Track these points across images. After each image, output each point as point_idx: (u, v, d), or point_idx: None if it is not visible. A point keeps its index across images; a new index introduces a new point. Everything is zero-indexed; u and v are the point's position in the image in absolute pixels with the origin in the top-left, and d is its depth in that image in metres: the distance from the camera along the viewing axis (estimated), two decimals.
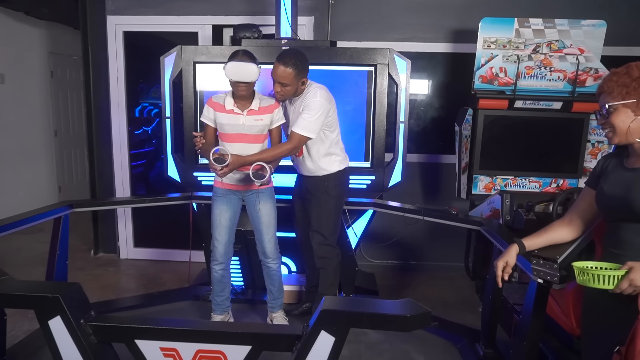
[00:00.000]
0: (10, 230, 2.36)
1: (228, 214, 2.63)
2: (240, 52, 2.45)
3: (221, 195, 2.64)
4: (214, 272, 2.67)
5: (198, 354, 1.43)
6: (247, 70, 2.39)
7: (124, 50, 4.06)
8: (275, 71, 2.50)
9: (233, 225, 2.68)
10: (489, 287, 2.44)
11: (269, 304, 2.81)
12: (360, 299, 2.13)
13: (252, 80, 2.44)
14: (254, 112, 2.52)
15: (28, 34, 5.46)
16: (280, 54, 2.54)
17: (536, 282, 1.85)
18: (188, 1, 3.94)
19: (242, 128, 2.52)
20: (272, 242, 2.69)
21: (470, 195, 3.42)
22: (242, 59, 2.40)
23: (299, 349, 1.37)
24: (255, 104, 2.53)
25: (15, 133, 5.26)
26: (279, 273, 2.77)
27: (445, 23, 3.81)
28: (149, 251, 4.35)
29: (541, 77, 3.19)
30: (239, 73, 2.39)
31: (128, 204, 3.78)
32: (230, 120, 2.51)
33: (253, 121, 2.52)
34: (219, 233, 2.63)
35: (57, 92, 5.95)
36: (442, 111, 4.02)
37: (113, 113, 4.14)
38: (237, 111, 2.51)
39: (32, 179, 5.57)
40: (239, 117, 2.51)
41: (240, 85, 2.42)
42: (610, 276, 1.30)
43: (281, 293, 2.81)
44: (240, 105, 2.51)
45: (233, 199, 2.66)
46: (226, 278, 2.70)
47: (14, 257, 4.35)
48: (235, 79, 2.40)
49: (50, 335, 1.44)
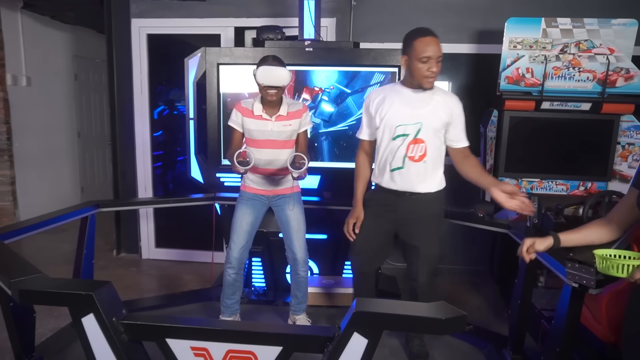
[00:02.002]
0: (40, 229, 2.40)
1: (250, 218, 2.62)
2: (271, 57, 2.44)
3: (247, 199, 2.64)
4: (227, 275, 2.65)
5: (229, 354, 1.42)
6: (278, 74, 2.38)
7: (147, 53, 4.11)
8: (437, 47, 2.18)
9: (252, 231, 2.66)
10: (517, 291, 2.39)
11: (292, 307, 2.79)
12: (393, 301, 2.10)
13: (283, 84, 2.42)
14: (282, 118, 2.51)
15: (53, 38, 5.57)
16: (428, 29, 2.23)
17: (571, 286, 1.80)
18: (210, 4, 3.96)
19: (270, 134, 2.50)
20: (303, 248, 2.67)
21: None
22: (273, 63, 2.39)
23: (331, 351, 1.35)
24: (284, 109, 2.51)
25: (40, 134, 5.36)
26: (306, 279, 2.76)
27: (469, 24, 3.76)
28: (170, 252, 4.38)
29: (569, 78, 3.12)
30: (270, 77, 2.37)
31: (152, 204, 3.82)
32: (259, 126, 2.50)
33: (281, 127, 2.51)
34: (237, 236, 2.61)
35: (81, 94, 6.05)
36: (467, 113, 3.93)
37: (136, 115, 4.19)
38: (265, 117, 2.49)
39: (55, 179, 5.66)
40: (268, 123, 2.50)
41: (271, 89, 2.40)
42: (630, 265, 1.29)
43: (306, 297, 2.80)
44: (269, 111, 2.50)
45: (258, 204, 2.64)
46: (238, 282, 2.68)
47: (38, 256, 4.41)
48: (266, 83, 2.38)
49: (83, 333, 1.45)
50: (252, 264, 3.32)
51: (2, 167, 4.93)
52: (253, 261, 3.31)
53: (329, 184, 3.25)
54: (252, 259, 3.30)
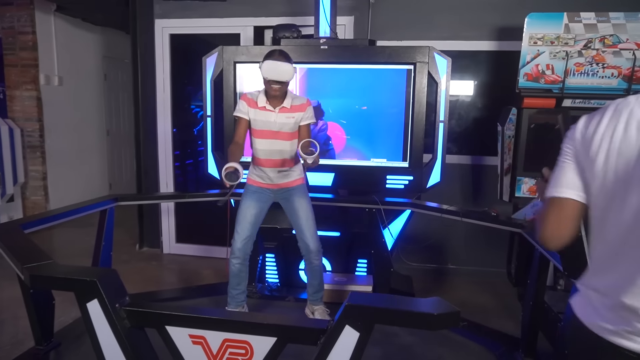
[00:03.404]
0: (62, 219, 2.51)
1: (255, 210, 2.66)
2: (277, 51, 2.48)
3: (252, 192, 2.68)
4: (232, 265, 2.69)
5: (225, 342, 1.45)
6: (282, 69, 2.42)
7: (170, 53, 4.21)
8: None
9: (257, 222, 2.69)
10: (529, 292, 2.33)
11: (310, 298, 2.81)
12: (388, 296, 2.09)
13: (287, 79, 2.47)
14: (285, 110, 2.56)
15: (84, 39, 5.79)
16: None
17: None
18: (230, 4, 4.03)
19: (273, 125, 2.56)
20: (314, 237, 2.69)
21: (514, 198, 3.28)
22: (278, 58, 2.43)
23: (323, 343, 1.36)
24: (288, 102, 2.56)
25: (71, 132, 5.58)
26: (320, 267, 2.77)
27: (489, 20, 3.68)
28: (190, 247, 4.48)
29: (593, 74, 3.02)
30: (274, 72, 2.42)
31: (169, 199, 3.92)
32: (262, 117, 2.56)
33: (285, 119, 2.55)
34: (241, 228, 2.65)
35: (110, 93, 6.27)
36: (485, 111, 3.89)
37: (159, 113, 4.30)
38: (269, 108, 2.55)
39: (85, 175, 5.88)
40: (271, 114, 2.55)
41: (275, 84, 2.45)
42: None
43: (322, 286, 2.81)
44: (273, 103, 2.55)
45: (263, 197, 2.68)
46: (243, 272, 2.72)
47: (67, 248, 4.61)
48: (270, 77, 2.43)
49: (88, 318, 1.51)
50: (266, 259, 3.35)
51: (35, 163, 5.16)
52: (267, 257, 3.35)
53: (343, 181, 3.26)
54: (265, 254, 3.34)
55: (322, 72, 3.23)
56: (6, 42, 4.98)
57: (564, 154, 1.11)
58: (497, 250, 3.74)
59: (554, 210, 1.09)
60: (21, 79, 5.02)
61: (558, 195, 1.07)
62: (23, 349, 2.52)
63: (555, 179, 1.10)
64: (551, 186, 1.10)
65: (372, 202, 3.10)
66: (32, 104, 5.06)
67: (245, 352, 1.43)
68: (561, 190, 1.07)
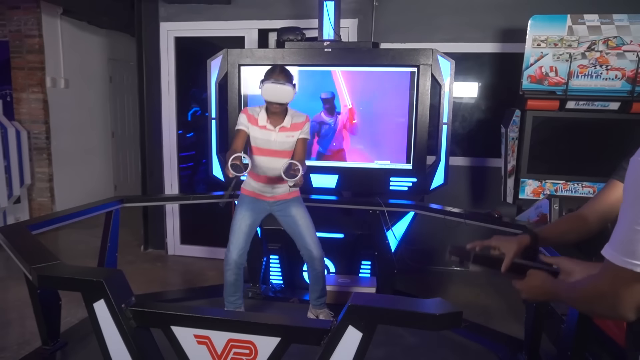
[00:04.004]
0: (68, 221, 2.54)
1: (249, 220, 2.66)
2: (277, 70, 2.49)
3: (246, 202, 2.68)
4: (227, 276, 2.68)
5: (229, 342, 1.46)
6: (282, 92, 2.45)
7: (175, 55, 4.25)
8: None
9: (251, 233, 2.69)
10: None
11: (313, 302, 2.82)
12: (390, 296, 2.10)
13: (287, 101, 2.50)
14: (285, 129, 2.57)
15: (90, 42, 5.84)
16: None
17: None
18: (235, 6, 4.06)
19: (273, 144, 2.57)
20: (316, 243, 2.70)
21: (517, 200, 3.29)
22: (278, 78, 2.44)
23: (327, 343, 1.37)
24: (288, 120, 2.57)
25: (76, 134, 5.63)
26: (324, 273, 2.78)
27: (493, 22, 3.70)
28: (194, 248, 4.51)
29: (596, 76, 3.03)
30: (274, 94, 2.45)
31: (174, 201, 3.95)
32: (263, 135, 2.57)
33: (284, 138, 2.57)
34: (235, 238, 2.65)
35: (115, 96, 6.32)
36: (489, 113, 3.90)
37: (164, 116, 4.33)
38: (269, 127, 2.56)
39: (91, 177, 5.93)
40: (271, 134, 2.56)
41: (275, 104, 2.48)
42: None
43: (325, 291, 2.82)
44: (273, 121, 2.56)
45: (257, 208, 2.68)
46: (239, 281, 2.71)
47: (73, 249, 4.65)
48: (271, 99, 2.46)
49: (94, 318, 1.53)
50: (270, 261, 3.37)
51: (41, 165, 5.21)
52: (270, 258, 3.37)
53: (347, 183, 3.27)
54: (269, 256, 3.35)
55: (325, 73, 3.24)
56: (13, 45, 5.03)
57: None
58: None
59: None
60: (28, 81, 5.07)
61: None
62: (30, 349, 2.54)
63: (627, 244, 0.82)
64: (624, 255, 0.83)
65: (375, 203, 3.11)
66: (39, 106, 5.11)
67: (249, 352, 1.45)
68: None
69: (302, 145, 2.60)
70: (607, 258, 0.86)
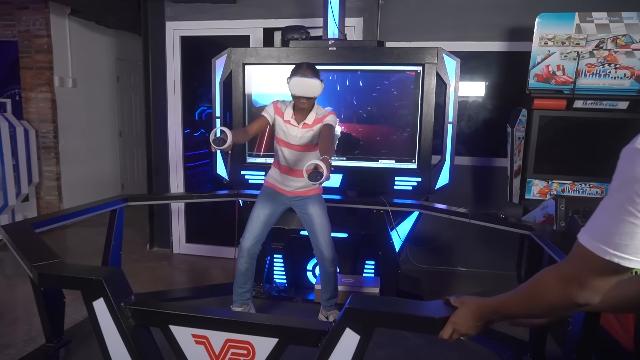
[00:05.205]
0: (72, 219, 2.55)
1: (268, 210, 2.68)
2: (304, 65, 2.50)
3: (267, 194, 2.71)
4: (239, 264, 2.71)
5: (227, 342, 1.46)
6: (310, 85, 2.44)
7: (180, 55, 4.26)
8: None
9: (269, 223, 2.71)
10: None
11: (323, 304, 2.81)
12: (389, 299, 2.08)
13: (315, 95, 2.49)
14: (307, 126, 2.57)
15: (98, 42, 5.88)
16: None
17: None
18: (241, 6, 4.06)
19: (294, 139, 2.59)
20: (329, 245, 2.69)
21: (524, 200, 3.25)
22: (305, 74, 2.45)
23: (324, 345, 1.36)
24: (311, 117, 2.57)
25: (84, 134, 5.67)
26: (335, 274, 2.77)
27: (499, 21, 3.65)
28: (199, 247, 4.52)
29: (604, 75, 2.98)
30: (302, 88, 2.44)
31: (178, 200, 3.96)
32: (286, 129, 2.59)
33: (304, 133, 2.58)
34: (252, 226, 2.67)
35: (123, 95, 6.36)
36: (495, 112, 3.86)
37: (169, 115, 4.35)
38: (293, 123, 2.57)
39: (98, 176, 5.97)
40: (294, 129, 2.58)
41: (302, 99, 2.48)
42: None
43: (336, 292, 2.81)
44: (298, 117, 2.57)
45: (278, 200, 2.70)
46: (250, 272, 2.73)
47: (80, 247, 4.69)
48: (298, 94, 2.45)
49: (94, 316, 1.54)
50: (274, 260, 3.37)
51: (49, 164, 5.26)
52: (274, 258, 3.36)
53: (351, 182, 3.25)
54: (273, 255, 3.35)
55: (330, 74, 3.23)
56: (22, 45, 5.08)
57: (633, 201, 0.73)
58: (507, 252, 3.69)
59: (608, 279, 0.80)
60: (36, 81, 5.13)
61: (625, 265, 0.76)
62: (35, 346, 2.56)
63: (616, 234, 0.75)
64: (607, 242, 0.76)
65: (380, 203, 3.09)
66: (47, 105, 5.16)
67: (247, 353, 1.44)
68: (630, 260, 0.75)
69: (327, 129, 2.45)
70: (582, 244, 0.80)
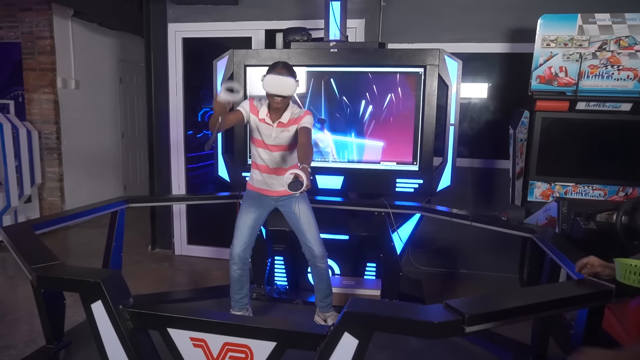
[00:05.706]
0: (72, 220, 2.55)
1: (254, 214, 2.65)
2: (280, 64, 2.46)
3: (251, 198, 2.68)
4: (232, 271, 2.68)
5: (225, 346, 1.45)
6: (284, 84, 2.40)
7: (182, 56, 4.26)
8: None
9: (256, 227, 2.69)
10: None
11: (319, 303, 2.78)
12: (389, 303, 2.07)
13: (289, 94, 2.45)
14: (282, 125, 2.54)
15: (101, 43, 5.90)
16: None
17: None
18: (242, 7, 4.06)
19: (269, 139, 2.56)
20: (317, 241, 2.67)
21: (526, 203, 3.23)
22: (281, 72, 2.41)
23: (322, 349, 1.35)
24: (286, 116, 2.54)
25: (86, 134, 5.69)
26: (327, 271, 2.75)
27: (501, 22, 3.64)
28: (201, 248, 4.52)
29: (607, 77, 2.95)
30: (276, 86, 2.40)
31: (179, 202, 3.96)
32: (261, 128, 2.56)
33: (280, 133, 2.55)
34: (240, 233, 2.64)
35: (125, 97, 6.37)
36: (497, 114, 3.84)
37: (171, 116, 4.35)
38: (268, 122, 2.54)
39: (100, 177, 5.98)
40: (269, 128, 2.55)
41: (276, 98, 2.44)
42: None
43: (330, 290, 2.78)
44: (273, 116, 2.54)
45: (262, 203, 2.67)
46: (244, 277, 2.70)
47: (82, 248, 4.70)
48: (272, 92, 2.42)
49: (92, 318, 1.53)
50: (275, 262, 3.36)
51: (52, 165, 5.27)
52: (275, 260, 3.36)
53: (352, 184, 3.24)
54: (274, 257, 3.34)
55: (331, 75, 3.22)
56: (25, 47, 5.10)
57: None
58: (509, 255, 3.68)
59: None
60: (39, 82, 5.14)
61: None
62: (35, 347, 2.56)
63: None
64: None
65: (381, 205, 3.08)
66: (50, 106, 5.17)
67: (245, 356, 1.44)
68: None
69: (304, 134, 2.43)
70: None
